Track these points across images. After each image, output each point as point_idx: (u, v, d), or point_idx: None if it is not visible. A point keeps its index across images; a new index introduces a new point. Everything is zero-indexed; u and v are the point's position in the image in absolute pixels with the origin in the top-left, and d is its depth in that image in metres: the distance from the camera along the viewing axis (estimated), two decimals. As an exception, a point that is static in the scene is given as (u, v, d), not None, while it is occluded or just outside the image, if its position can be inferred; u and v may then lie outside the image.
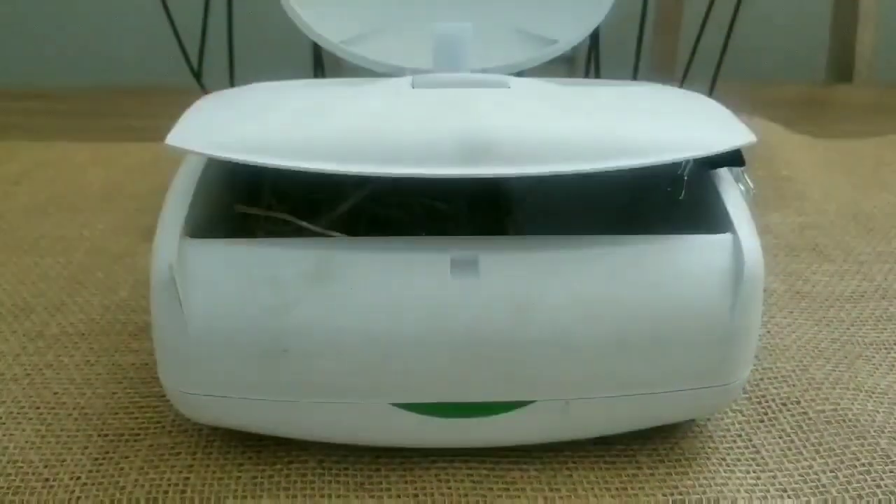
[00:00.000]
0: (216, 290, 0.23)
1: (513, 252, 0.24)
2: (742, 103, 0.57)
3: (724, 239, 0.24)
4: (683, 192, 0.27)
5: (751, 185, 0.27)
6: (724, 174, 0.27)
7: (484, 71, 0.31)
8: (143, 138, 0.52)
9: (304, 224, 0.27)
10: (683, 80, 0.41)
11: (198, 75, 0.41)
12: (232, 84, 0.41)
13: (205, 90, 0.41)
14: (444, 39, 0.30)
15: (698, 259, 0.24)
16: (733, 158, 0.26)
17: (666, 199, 0.27)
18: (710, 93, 0.42)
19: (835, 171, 0.48)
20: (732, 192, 0.26)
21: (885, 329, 0.34)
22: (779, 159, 0.47)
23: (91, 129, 0.55)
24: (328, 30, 0.31)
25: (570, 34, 0.32)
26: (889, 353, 0.32)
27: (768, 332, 0.33)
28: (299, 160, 0.22)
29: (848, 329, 0.34)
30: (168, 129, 0.60)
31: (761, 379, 0.30)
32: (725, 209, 0.25)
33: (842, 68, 0.69)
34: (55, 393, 0.29)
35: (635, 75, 0.41)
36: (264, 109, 0.25)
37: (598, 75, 0.38)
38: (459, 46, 0.30)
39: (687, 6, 0.71)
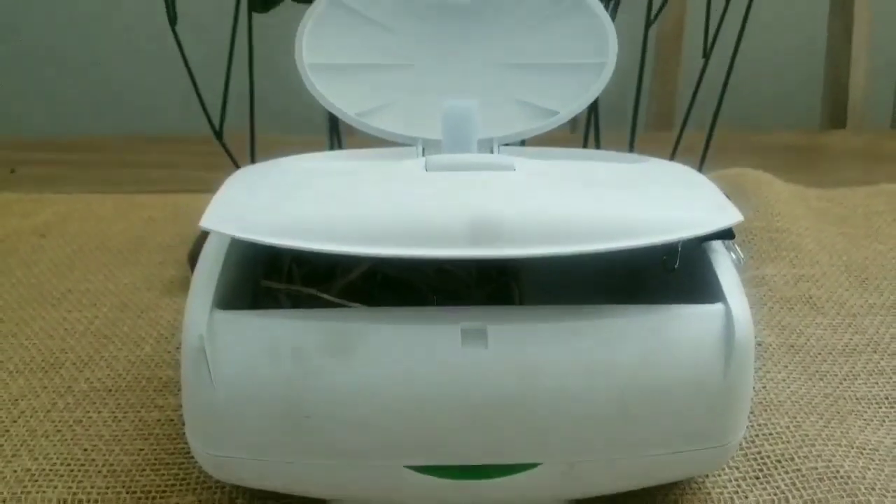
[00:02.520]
0: (243, 359, 0.25)
1: (518, 322, 0.25)
2: (738, 151, 0.59)
3: (716, 309, 0.26)
4: (678, 262, 0.29)
5: (741, 254, 0.29)
6: (717, 245, 0.28)
7: (490, 140, 0.33)
8: (164, 189, 0.55)
9: (327, 297, 0.29)
10: (681, 132, 0.44)
11: (219, 135, 0.44)
12: (252, 141, 0.43)
13: (225, 148, 0.43)
14: (453, 115, 0.32)
15: (692, 328, 0.26)
16: (724, 232, 0.27)
17: (662, 269, 0.29)
18: (707, 143, 0.44)
19: (827, 221, 0.50)
20: (724, 262, 0.28)
21: (877, 384, 0.35)
22: (773, 210, 0.49)
23: (113, 181, 0.57)
24: (344, 103, 0.33)
25: (571, 106, 0.34)
26: (880, 408, 0.34)
27: (763, 386, 0.35)
28: (321, 243, 0.23)
29: (841, 384, 0.35)
30: (187, 179, 0.63)
31: (756, 435, 0.32)
32: (717, 280, 0.27)
33: (836, 114, 0.72)
34: (85, 449, 0.31)
35: (633, 129, 0.43)
36: (289, 192, 0.27)
37: (597, 140, 0.40)
38: (467, 121, 0.32)
39: (685, 53, 0.74)
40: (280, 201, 0.26)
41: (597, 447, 0.26)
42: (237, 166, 0.43)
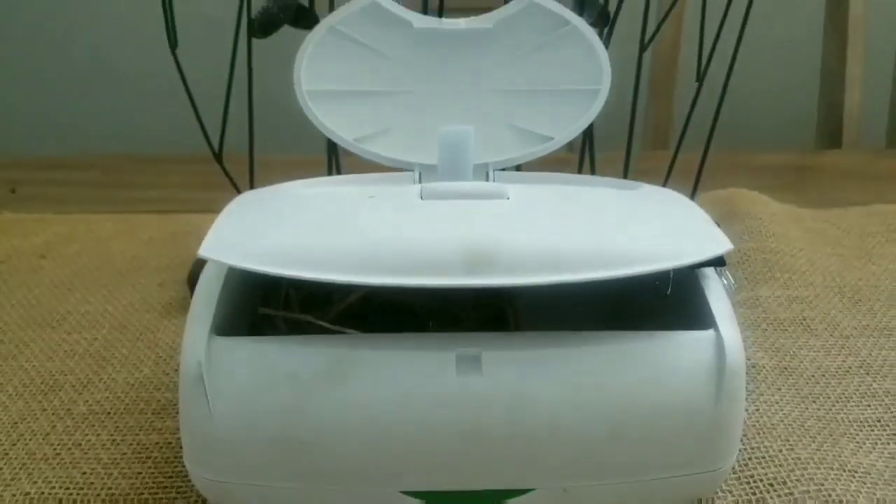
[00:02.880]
0: (240, 385, 0.25)
1: (512, 349, 0.26)
2: (733, 171, 0.60)
3: (707, 335, 0.26)
4: (670, 288, 0.29)
5: (732, 280, 0.29)
6: (709, 271, 0.29)
7: (486, 165, 0.34)
8: (163, 209, 0.55)
9: (323, 324, 0.30)
10: (676, 153, 0.44)
11: (219, 157, 0.44)
12: (251, 165, 0.44)
13: (225, 171, 0.44)
14: (449, 141, 0.32)
15: (683, 354, 0.26)
16: (715, 259, 0.28)
17: (655, 294, 0.29)
18: (701, 165, 0.44)
19: (821, 241, 0.50)
20: (715, 288, 0.28)
21: (869, 406, 0.36)
22: (767, 231, 0.50)
23: (113, 200, 0.58)
24: (342, 129, 0.34)
25: (565, 132, 0.34)
26: (872, 430, 0.34)
27: (757, 409, 0.35)
28: (318, 272, 0.24)
29: (833, 406, 0.36)
30: (186, 199, 0.63)
31: (750, 459, 0.32)
32: (709, 306, 0.27)
33: (831, 134, 0.72)
34: (84, 473, 0.31)
35: (628, 154, 0.44)
36: (287, 221, 0.27)
37: (592, 164, 0.41)
38: (462, 147, 0.33)
39: (681, 72, 0.74)
40: (277, 230, 0.27)
41: (590, 472, 0.26)
42: (237, 189, 0.44)
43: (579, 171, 0.42)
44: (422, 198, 0.28)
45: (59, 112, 1.12)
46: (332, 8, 0.37)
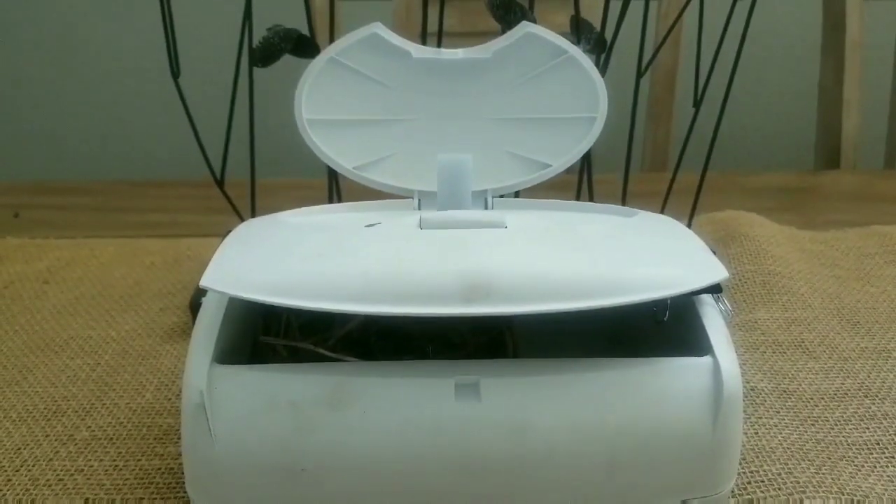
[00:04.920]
0: (241, 413, 0.26)
1: (510, 376, 0.26)
2: (732, 192, 0.60)
3: (704, 362, 0.27)
4: (667, 315, 0.29)
5: (729, 307, 0.29)
6: (706, 297, 0.29)
7: (484, 192, 0.34)
8: (165, 233, 0.56)
9: (323, 352, 0.30)
10: (674, 177, 0.45)
11: (220, 183, 0.45)
12: (252, 192, 0.44)
13: (227, 197, 0.44)
14: (447, 169, 0.33)
15: (681, 381, 0.26)
16: (711, 287, 0.28)
17: (652, 320, 0.30)
18: (699, 188, 0.45)
19: (819, 263, 0.50)
20: (712, 314, 0.28)
21: (868, 429, 0.36)
22: (766, 253, 0.50)
23: (115, 225, 0.58)
24: (342, 157, 0.35)
25: (563, 159, 0.35)
26: (871, 453, 0.34)
27: (756, 433, 0.35)
28: (318, 302, 0.24)
29: (832, 429, 0.36)
30: (187, 223, 0.63)
31: (749, 482, 0.32)
32: (706, 332, 0.28)
33: (829, 155, 0.73)
34: (86, 499, 0.31)
35: (626, 181, 0.44)
36: (286, 250, 0.28)
37: (590, 189, 0.41)
38: (461, 175, 0.33)
39: (679, 97, 0.75)
40: (277, 260, 0.27)
41: (589, 498, 0.26)
42: (238, 215, 0.44)
43: (577, 195, 0.42)
44: (420, 227, 0.28)
45: (63, 137, 1.13)
46: (332, 38, 0.38)
